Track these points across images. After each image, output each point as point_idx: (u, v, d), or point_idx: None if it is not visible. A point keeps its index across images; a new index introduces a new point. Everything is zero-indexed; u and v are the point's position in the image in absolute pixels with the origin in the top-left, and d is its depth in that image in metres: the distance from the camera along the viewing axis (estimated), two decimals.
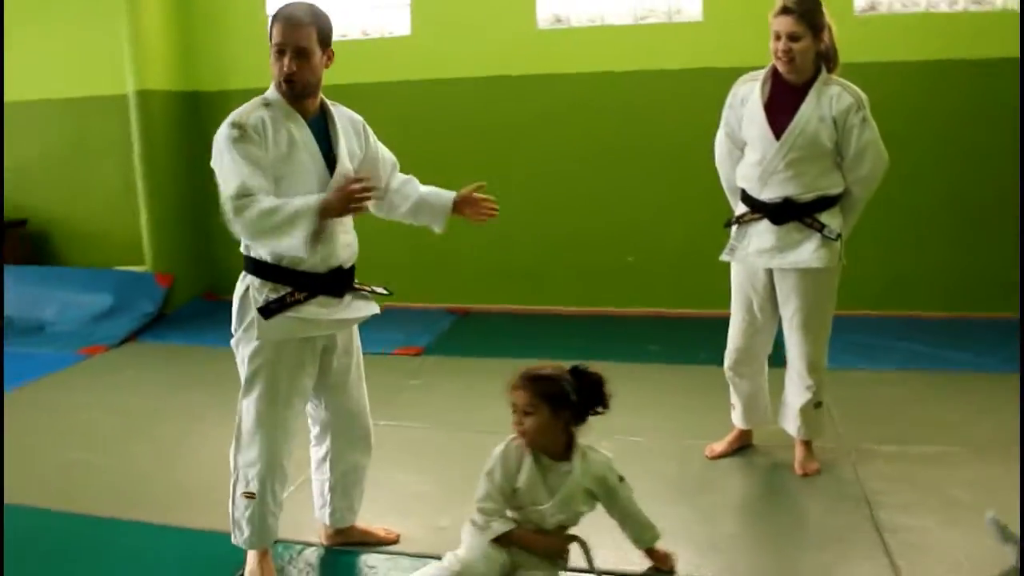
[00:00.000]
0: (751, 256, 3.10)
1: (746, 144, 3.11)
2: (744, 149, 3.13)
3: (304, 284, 2.42)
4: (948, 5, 4.95)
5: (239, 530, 2.59)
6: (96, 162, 6.26)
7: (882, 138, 4.85)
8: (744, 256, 3.13)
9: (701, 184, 3.74)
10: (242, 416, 2.54)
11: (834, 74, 3.00)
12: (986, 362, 4.33)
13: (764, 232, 3.06)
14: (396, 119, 5.70)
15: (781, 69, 2.97)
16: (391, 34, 5.68)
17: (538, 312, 5.68)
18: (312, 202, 2.29)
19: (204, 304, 6.02)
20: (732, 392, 3.35)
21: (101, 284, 5.85)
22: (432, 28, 5.58)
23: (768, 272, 3.12)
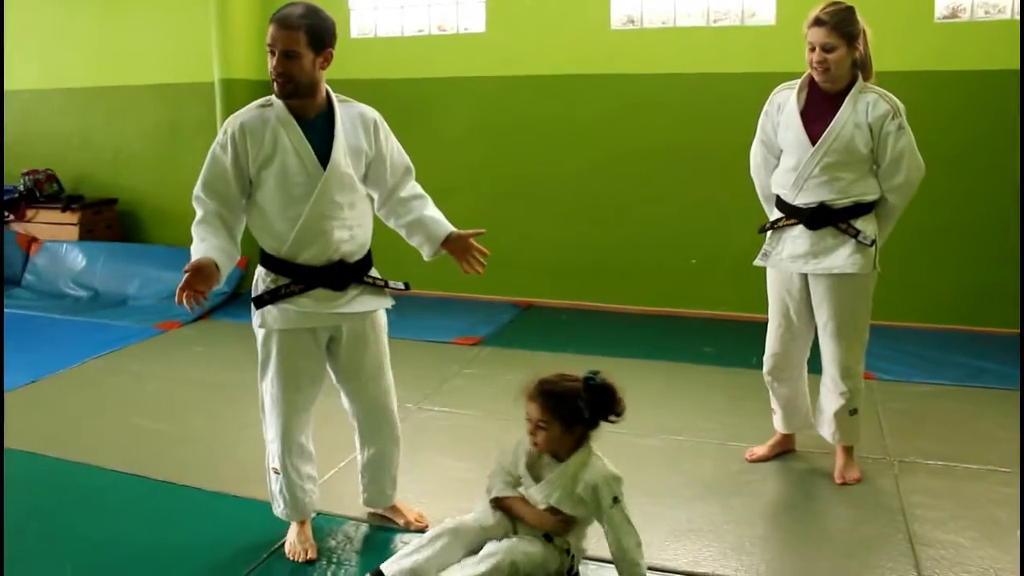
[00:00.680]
0: (785, 261, 3.10)
1: (782, 151, 3.11)
2: (779, 157, 3.13)
3: (301, 276, 2.51)
4: None
5: (275, 502, 2.76)
6: (183, 146, 6.54)
7: (968, 147, 4.81)
8: (778, 261, 3.13)
9: None
10: (261, 397, 2.69)
11: (870, 81, 2.97)
12: None
13: (798, 237, 3.06)
14: (469, 113, 5.86)
15: (817, 79, 2.96)
16: (467, 31, 5.79)
17: (598, 308, 5.72)
18: (192, 257, 2.45)
19: None
20: (772, 397, 3.35)
21: (181, 263, 5.74)
22: (506, 26, 5.66)
23: (803, 278, 3.11)
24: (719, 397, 4.09)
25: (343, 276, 2.56)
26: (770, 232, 3.18)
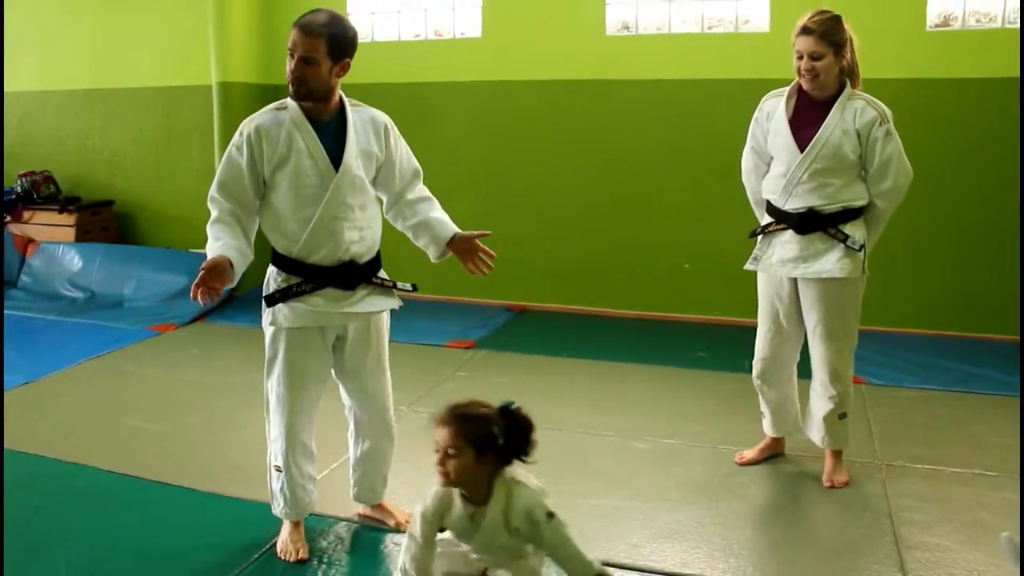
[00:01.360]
0: (775, 265, 3.13)
1: (772, 158, 3.15)
2: (770, 163, 3.17)
3: (312, 276, 2.56)
4: None
5: (275, 500, 2.78)
6: (180, 149, 6.58)
7: (958, 154, 4.84)
8: (768, 265, 3.16)
9: None
10: (266, 396, 2.71)
11: (858, 88, 3.01)
12: None
13: (788, 242, 3.09)
14: (465, 118, 5.89)
15: (805, 86, 3.00)
16: (463, 35, 5.82)
17: (593, 313, 5.75)
18: (209, 254, 2.51)
19: None
20: (761, 400, 3.38)
21: (177, 265, 6.13)
22: (503, 31, 5.70)
23: (793, 282, 3.14)
24: (710, 401, 4.12)
25: (353, 276, 2.60)
26: (761, 237, 3.21)
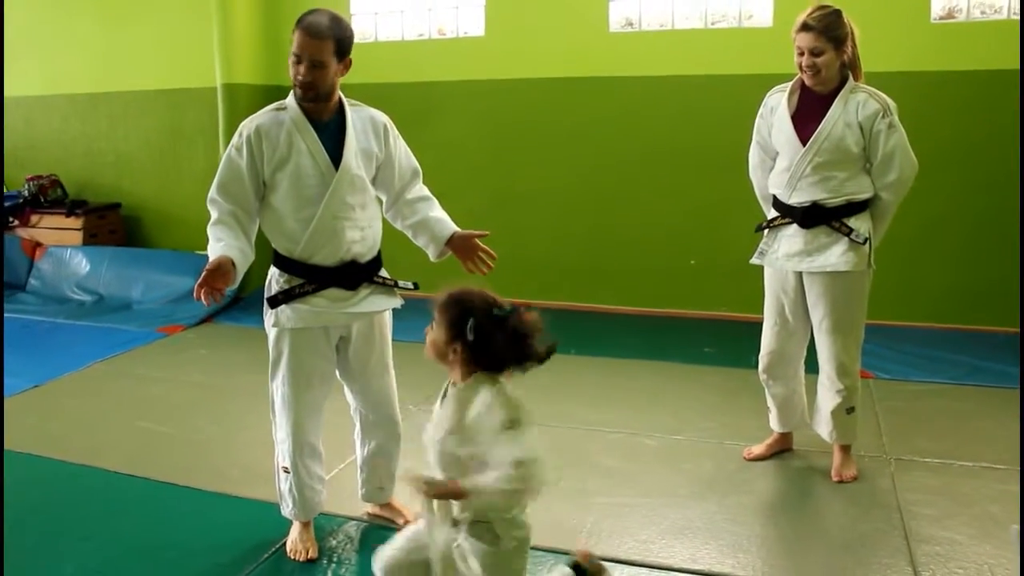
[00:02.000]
0: (780, 260, 3.13)
1: (777, 153, 3.15)
2: (775, 158, 3.17)
3: (314, 276, 2.55)
4: None
5: (284, 502, 2.79)
6: (186, 151, 6.60)
7: (965, 146, 4.82)
8: (773, 259, 3.16)
9: None
10: (272, 397, 2.71)
11: (860, 81, 3.00)
12: None
13: (793, 236, 3.09)
14: (469, 116, 5.89)
15: (807, 82, 3.00)
16: (466, 34, 5.82)
17: (598, 310, 5.74)
18: (211, 255, 2.47)
19: None
20: (767, 395, 3.37)
21: (184, 267, 6.15)
22: (505, 29, 5.70)
23: (798, 276, 3.13)
24: (718, 396, 4.12)
25: (355, 276, 2.60)
26: (766, 231, 3.21)
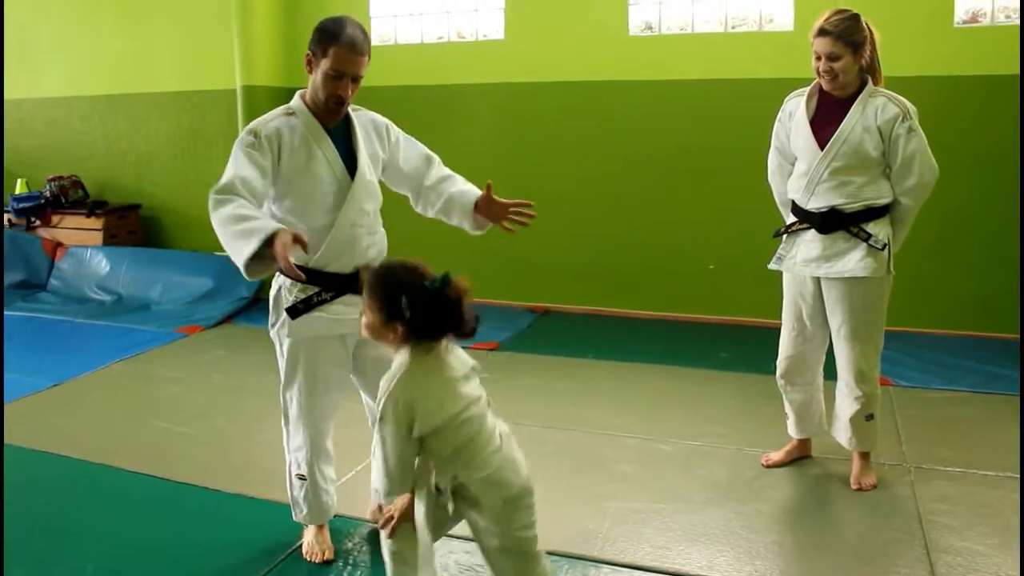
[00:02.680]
0: (798, 265, 3.11)
1: (796, 158, 3.13)
2: (794, 163, 3.15)
3: (331, 284, 2.53)
4: None
5: (297, 508, 2.78)
6: (205, 153, 6.63)
7: (986, 151, 4.77)
8: (792, 265, 3.14)
9: None
10: (287, 406, 2.69)
11: (879, 85, 2.98)
12: None
13: (811, 241, 3.06)
14: (488, 119, 5.89)
15: (825, 86, 2.98)
16: (486, 37, 5.83)
17: (616, 314, 5.73)
18: (268, 228, 2.22)
19: None
20: (785, 402, 3.35)
21: (203, 268, 6.20)
22: (525, 33, 5.70)
23: (816, 282, 3.11)
24: (735, 402, 4.10)
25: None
26: (785, 236, 3.19)
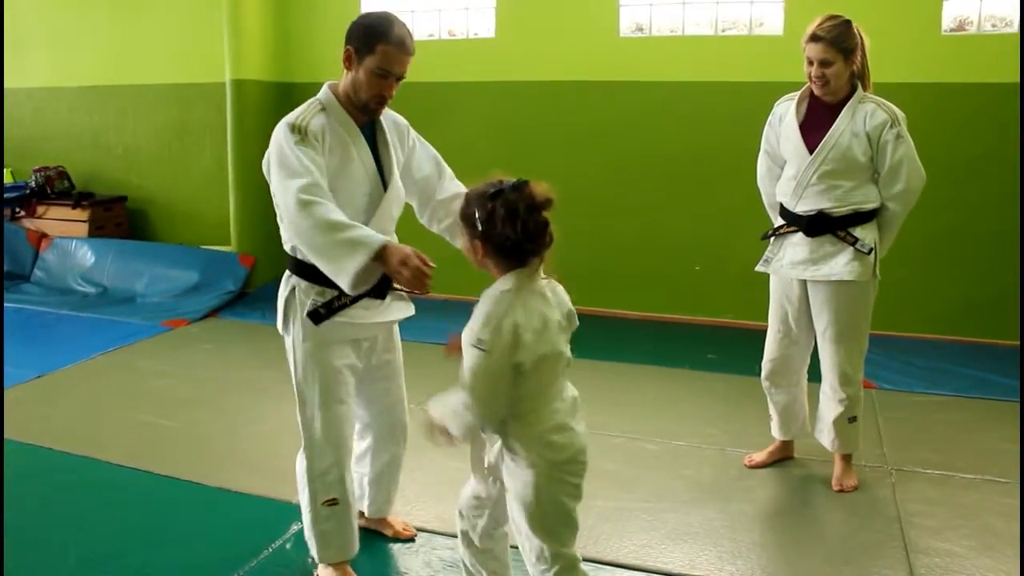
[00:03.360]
0: (785, 267, 3.14)
1: (785, 162, 3.16)
2: (783, 167, 3.18)
3: None
4: None
5: (323, 543, 2.52)
6: (193, 146, 6.62)
7: (973, 158, 4.82)
8: (778, 267, 3.17)
9: None
10: (309, 426, 2.47)
11: (869, 91, 3.01)
12: None
13: (798, 244, 3.09)
14: (477, 118, 5.89)
15: (816, 92, 3.01)
16: (476, 36, 5.83)
17: (602, 314, 5.73)
18: (377, 240, 2.12)
19: None
20: (769, 403, 3.37)
21: (189, 261, 6.17)
22: (516, 32, 5.71)
23: (802, 284, 3.14)
24: (720, 403, 4.12)
25: (383, 285, 2.42)
26: (772, 239, 3.22)
